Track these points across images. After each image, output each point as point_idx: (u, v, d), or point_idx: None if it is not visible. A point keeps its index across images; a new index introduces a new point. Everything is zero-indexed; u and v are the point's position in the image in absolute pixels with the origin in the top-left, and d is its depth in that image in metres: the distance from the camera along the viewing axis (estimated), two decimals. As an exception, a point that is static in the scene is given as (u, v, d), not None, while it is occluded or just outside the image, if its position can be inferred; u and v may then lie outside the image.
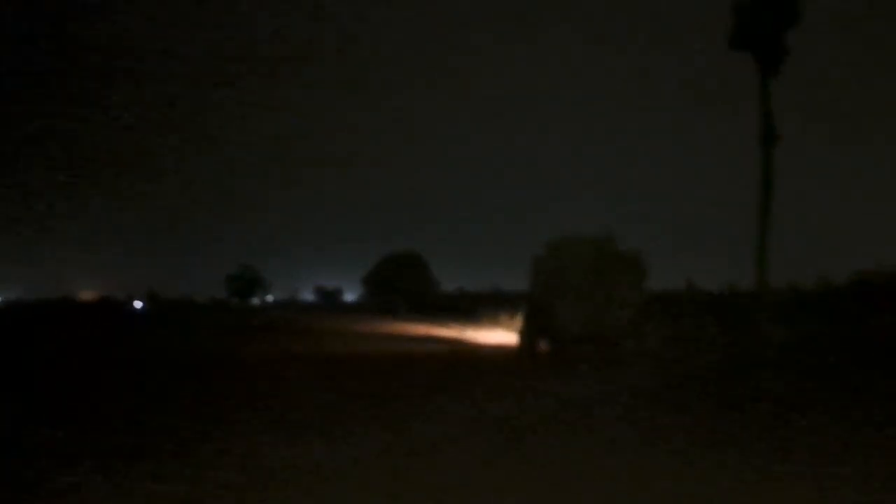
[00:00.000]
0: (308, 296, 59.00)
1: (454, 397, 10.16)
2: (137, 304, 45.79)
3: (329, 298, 57.19)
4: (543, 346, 18.27)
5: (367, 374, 13.38)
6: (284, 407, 9.06)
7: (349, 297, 60.34)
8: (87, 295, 48.15)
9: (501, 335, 27.46)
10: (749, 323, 17.22)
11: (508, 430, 7.66)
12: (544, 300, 17.99)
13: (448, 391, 10.82)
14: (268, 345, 21.14)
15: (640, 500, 5.02)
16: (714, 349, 14.51)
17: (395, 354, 17.93)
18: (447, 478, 5.58)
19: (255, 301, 52.90)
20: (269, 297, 55.98)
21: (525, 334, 18.58)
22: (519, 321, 20.50)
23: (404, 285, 50.77)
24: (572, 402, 9.86)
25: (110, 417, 8.27)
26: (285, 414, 8.55)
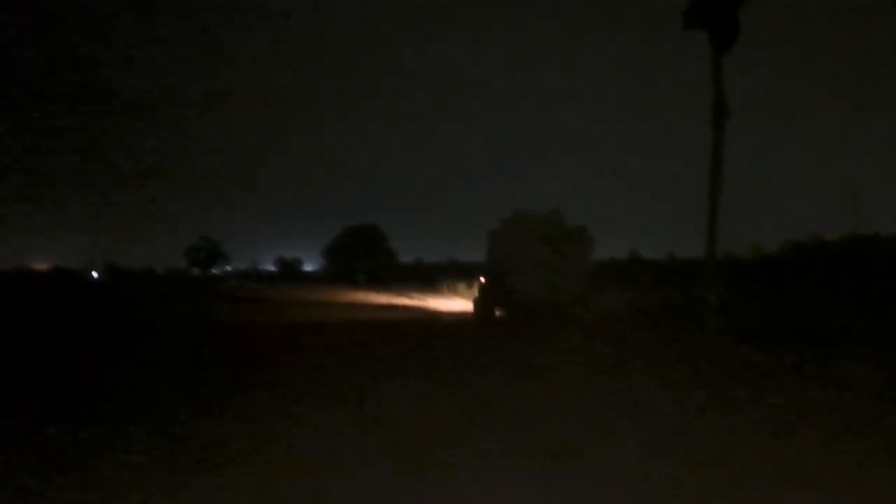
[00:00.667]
0: (268, 266, 59.93)
1: (421, 357, 11.67)
2: (94, 275, 45.93)
3: (289, 269, 58.18)
4: (499, 313, 20.00)
5: (340, 341, 14.68)
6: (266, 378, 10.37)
7: (309, 267, 61.49)
8: (41, 266, 47.97)
9: (460, 304, 29.21)
10: (690, 289, 18.83)
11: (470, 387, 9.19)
12: (500, 271, 19.70)
13: (416, 352, 12.32)
14: (235, 316, 22.23)
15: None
16: (653, 313, 16.40)
17: (365, 322, 19.33)
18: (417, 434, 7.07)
19: (216, 272, 53.44)
20: (229, 268, 56.72)
21: (481, 303, 20.32)
22: (476, 291, 22.20)
23: (364, 256, 52.12)
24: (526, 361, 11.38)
25: (90, 385, 9.34)
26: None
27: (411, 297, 37.89)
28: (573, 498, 4.71)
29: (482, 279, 20.96)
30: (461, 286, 35.93)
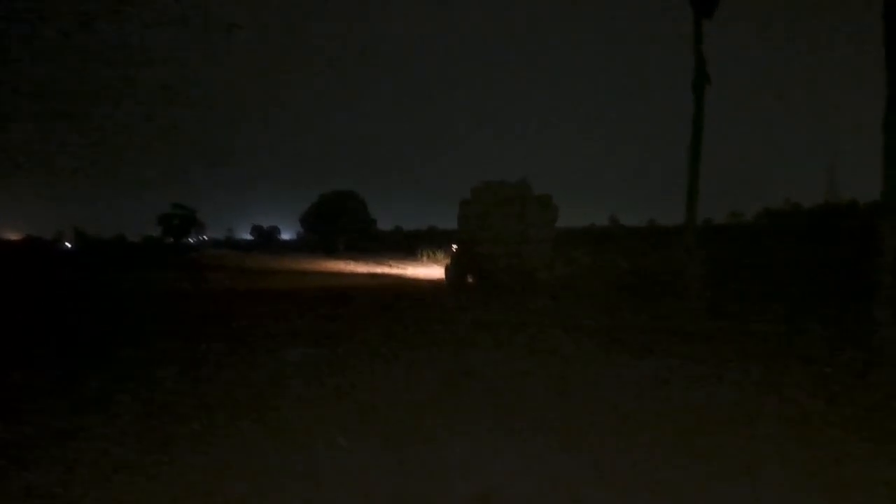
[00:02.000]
0: (244, 235, 60.73)
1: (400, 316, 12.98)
2: (67, 245, 46.60)
3: (266, 237, 59.01)
4: (470, 280, 21.37)
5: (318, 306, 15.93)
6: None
7: (286, 236, 62.35)
8: (12, 235, 48.40)
9: (439, 272, 30.49)
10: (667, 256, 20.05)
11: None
12: (471, 240, 21.04)
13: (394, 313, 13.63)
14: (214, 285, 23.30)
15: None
16: (609, 278, 17.85)
17: (343, 289, 20.56)
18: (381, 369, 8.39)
19: (190, 240, 54.07)
20: (205, 237, 57.40)
21: (452, 270, 21.70)
22: (448, 259, 23.55)
23: (342, 224, 52.96)
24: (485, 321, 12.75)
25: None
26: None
27: (390, 266, 39.08)
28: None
29: (454, 247, 22.32)
30: (440, 254, 37.15)
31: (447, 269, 22.52)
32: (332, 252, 48.23)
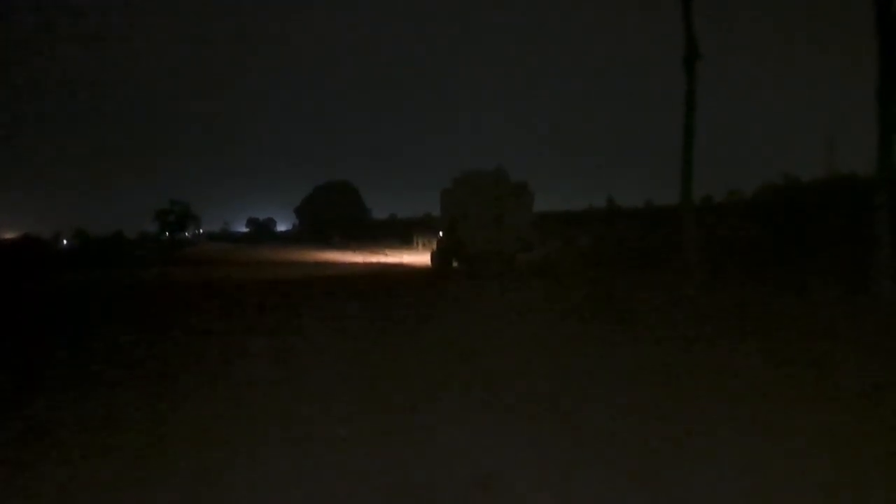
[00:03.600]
0: (240, 227, 61.98)
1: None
2: (65, 243, 47.99)
3: (262, 230, 60.28)
4: (456, 264, 22.70)
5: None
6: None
7: (282, 227, 63.66)
8: (9, 234, 49.68)
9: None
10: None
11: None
12: (452, 226, 22.33)
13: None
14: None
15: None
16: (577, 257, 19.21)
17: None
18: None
19: (187, 234, 55.41)
20: (200, 230, 58.74)
21: (438, 256, 23.05)
22: (433, 245, 24.85)
23: (336, 214, 54.22)
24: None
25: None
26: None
27: (386, 254, 40.37)
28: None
29: (438, 235, 23.68)
30: (435, 241, 38.29)
31: (432, 256, 23.86)
32: (328, 242, 49.51)
